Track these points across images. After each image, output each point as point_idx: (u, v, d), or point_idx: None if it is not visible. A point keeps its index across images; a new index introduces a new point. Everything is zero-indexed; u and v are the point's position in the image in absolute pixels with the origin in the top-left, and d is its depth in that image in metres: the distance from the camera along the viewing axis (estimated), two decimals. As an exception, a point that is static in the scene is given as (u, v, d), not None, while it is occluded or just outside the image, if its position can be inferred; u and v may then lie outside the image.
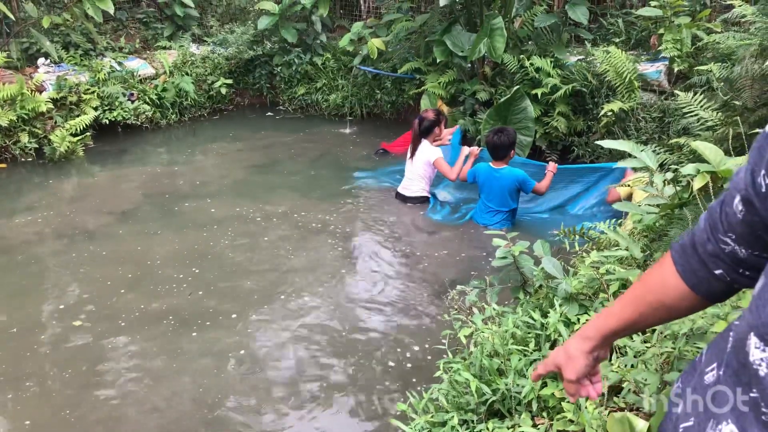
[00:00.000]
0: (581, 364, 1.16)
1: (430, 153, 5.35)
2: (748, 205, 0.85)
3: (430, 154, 5.34)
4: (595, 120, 5.78)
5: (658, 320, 1.11)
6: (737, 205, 0.87)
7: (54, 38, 7.21)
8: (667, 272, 1.03)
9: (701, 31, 5.41)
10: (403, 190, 5.52)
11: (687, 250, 1.01)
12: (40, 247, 4.72)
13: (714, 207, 0.95)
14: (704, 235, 0.97)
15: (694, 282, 1.00)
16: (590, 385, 1.20)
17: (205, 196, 5.71)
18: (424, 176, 5.42)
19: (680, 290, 1.01)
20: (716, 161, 2.15)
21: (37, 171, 6.35)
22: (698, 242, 0.98)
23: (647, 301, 1.07)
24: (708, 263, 0.97)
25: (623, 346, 1.89)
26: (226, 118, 8.37)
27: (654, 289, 1.06)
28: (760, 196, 0.81)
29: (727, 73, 4.09)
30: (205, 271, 4.34)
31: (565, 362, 1.18)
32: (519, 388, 1.99)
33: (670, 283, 1.03)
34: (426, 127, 5.41)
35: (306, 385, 3.20)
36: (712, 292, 0.99)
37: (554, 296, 2.31)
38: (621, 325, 1.11)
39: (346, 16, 9.05)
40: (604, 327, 1.13)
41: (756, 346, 0.76)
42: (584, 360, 1.16)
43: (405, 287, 4.14)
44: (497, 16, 5.77)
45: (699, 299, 1.01)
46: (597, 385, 1.20)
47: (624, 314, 1.10)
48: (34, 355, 3.45)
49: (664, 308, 1.05)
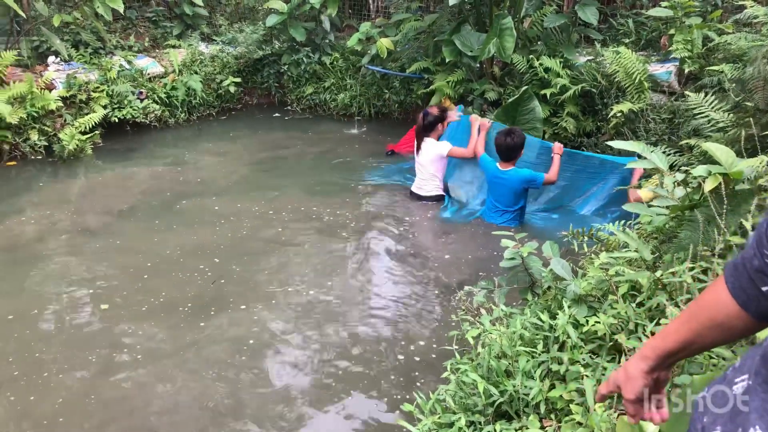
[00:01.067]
0: (639, 384, 1.14)
1: (441, 148, 5.34)
2: None
3: (440, 149, 5.33)
4: (604, 121, 5.76)
5: (713, 341, 1.08)
6: None
7: (64, 37, 7.24)
8: (720, 290, 1.02)
9: (712, 31, 5.37)
10: (418, 189, 5.52)
11: (738, 267, 1.00)
12: (55, 241, 4.77)
13: (762, 222, 0.94)
14: (751, 251, 0.96)
15: (744, 300, 0.98)
16: (654, 410, 1.17)
17: (215, 194, 5.72)
18: (436, 174, 5.42)
19: (732, 309, 1.00)
20: (728, 163, 2.13)
21: (47, 169, 6.38)
22: (746, 258, 0.97)
23: (701, 320, 1.05)
24: (756, 280, 0.95)
25: (632, 348, 1.88)
26: (234, 117, 8.38)
27: (707, 306, 1.05)
28: None
29: (739, 74, 4.06)
30: (218, 265, 4.38)
31: (624, 382, 1.17)
32: (527, 389, 1.98)
33: (722, 301, 1.01)
34: (430, 122, 5.39)
35: (311, 381, 3.20)
36: (761, 312, 0.97)
37: (563, 298, 2.29)
38: (677, 345, 1.09)
39: (355, 15, 9.04)
40: (660, 347, 1.12)
41: None
42: (642, 380, 1.14)
43: (414, 286, 4.13)
44: (507, 16, 5.75)
45: (751, 319, 0.99)
46: (662, 410, 1.17)
47: (679, 333, 1.08)
48: (62, 336, 3.56)
49: (717, 327, 1.03)
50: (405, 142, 6.72)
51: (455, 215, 5.27)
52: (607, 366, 1.91)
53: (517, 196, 4.89)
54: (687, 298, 1.99)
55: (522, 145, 4.84)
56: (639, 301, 2.15)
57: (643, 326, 1.98)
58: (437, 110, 5.48)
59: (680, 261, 2.20)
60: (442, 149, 5.33)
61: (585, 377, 1.88)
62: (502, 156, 4.89)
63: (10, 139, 6.41)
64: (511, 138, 4.80)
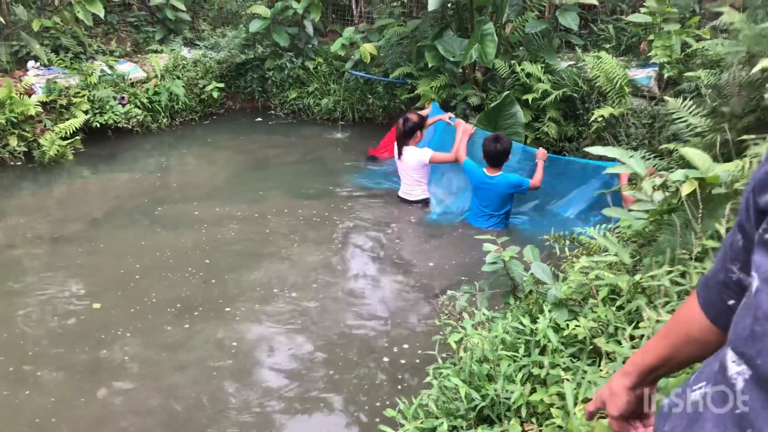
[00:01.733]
0: (623, 401, 1.14)
1: (422, 155, 5.35)
2: (743, 231, 0.87)
3: (422, 156, 5.34)
4: (585, 125, 5.81)
5: (690, 356, 1.08)
6: (737, 233, 0.89)
7: (44, 41, 7.16)
8: (693, 305, 1.03)
9: (691, 37, 5.45)
10: (405, 195, 5.53)
11: (707, 282, 1.01)
12: (38, 246, 4.78)
13: (726, 237, 0.96)
14: (718, 265, 0.98)
15: (714, 314, 0.99)
16: (641, 428, 1.17)
17: (198, 198, 5.70)
18: (420, 180, 5.43)
19: (704, 323, 1.01)
20: (704, 167, 2.17)
21: (27, 174, 6.31)
22: (714, 273, 0.99)
23: (677, 335, 1.06)
24: (722, 294, 0.97)
25: (612, 351, 1.90)
26: (217, 122, 8.34)
27: (682, 322, 1.06)
28: (750, 222, 0.83)
29: (716, 79, 4.13)
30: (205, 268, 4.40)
31: (609, 398, 1.17)
32: (508, 393, 1.99)
33: (695, 317, 1.02)
34: (410, 128, 5.38)
35: (294, 386, 3.20)
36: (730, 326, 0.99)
37: (544, 302, 2.31)
38: (656, 360, 1.09)
39: (338, 20, 9.05)
40: (640, 362, 1.12)
41: (732, 360, 0.77)
42: (626, 396, 1.14)
43: (397, 291, 4.14)
44: (488, 21, 5.79)
45: (723, 334, 0.99)
46: (649, 429, 1.17)
47: (658, 349, 1.09)
48: (52, 336, 3.61)
49: (693, 343, 1.04)
50: (384, 146, 6.71)
51: (441, 217, 5.29)
52: (587, 369, 1.93)
53: (504, 201, 4.93)
54: (665, 302, 2.01)
55: (509, 150, 4.88)
56: (619, 304, 2.17)
57: (623, 330, 2.00)
58: (416, 117, 5.48)
59: (659, 264, 2.23)
60: (424, 157, 5.34)
61: (565, 381, 1.90)
62: (490, 162, 4.90)
63: (-12, 145, 6.34)
64: (500, 144, 4.83)
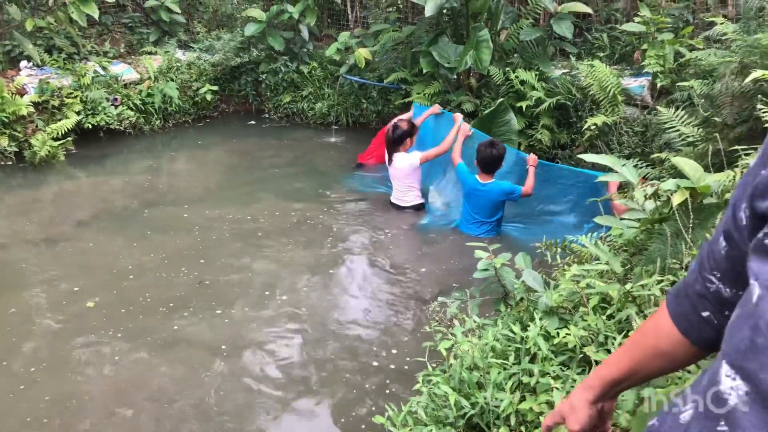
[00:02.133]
0: (584, 415, 1.11)
1: (412, 159, 5.33)
2: (729, 239, 0.85)
3: (412, 161, 5.33)
4: (578, 133, 5.82)
5: (657, 369, 1.06)
6: (721, 242, 0.87)
7: (37, 41, 7.13)
8: (662, 317, 1.01)
9: (684, 47, 5.48)
10: (398, 201, 5.51)
11: (680, 293, 0.99)
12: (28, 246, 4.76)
13: (703, 246, 0.94)
14: (693, 275, 0.95)
15: (686, 326, 0.97)
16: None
17: (189, 201, 5.68)
18: (412, 185, 5.42)
19: (673, 336, 0.98)
20: (696, 177, 2.17)
21: (17, 174, 6.27)
22: (688, 283, 0.97)
23: (643, 348, 1.03)
24: (697, 305, 0.95)
25: (599, 360, 1.89)
26: (210, 124, 8.32)
27: (649, 334, 1.03)
28: (740, 229, 0.81)
29: (708, 89, 4.14)
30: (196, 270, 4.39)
31: (569, 413, 1.14)
32: (498, 401, 1.98)
33: (663, 328, 1.00)
34: (399, 136, 5.36)
35: (281, 390, 3.18)
36: (703, 339, 0.96)
37: (534, 309, 2.30)
38: (621, 373, 1.07)
39: (334, 25, 9.05)
40: (605, 375, 1.09)
41: (727, 374, 0.74)
42: (587, 410, 1.11)
43: (388, 296, 4.12)
44: (483, 28, 5.81)
45: (692, 347, 0.98)
46: None
47: (622, 362, 1.06)
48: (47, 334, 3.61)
49: (660, 356, 1.02)
50: (371, 151, 6.69)
51: (433, 222, 5.28)
52: (577, 378, 1.92)
53: (496, 208, 4.90)
54: (655, 311, 2.01)
55: (503, 157, 4.86)
56: (609, 313, 2.16)
57: (613, 338, 2.00)
58: (406, 125, 5.44)
59: (649, 274, 2.23)
60: (414, 160, 5.33)
61: (555, 389, 1.89)
62: (484, 168, 4.87)
63: (-21, 145, 6.29)
64: (496, 149, 4.79)
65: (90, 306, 3.93)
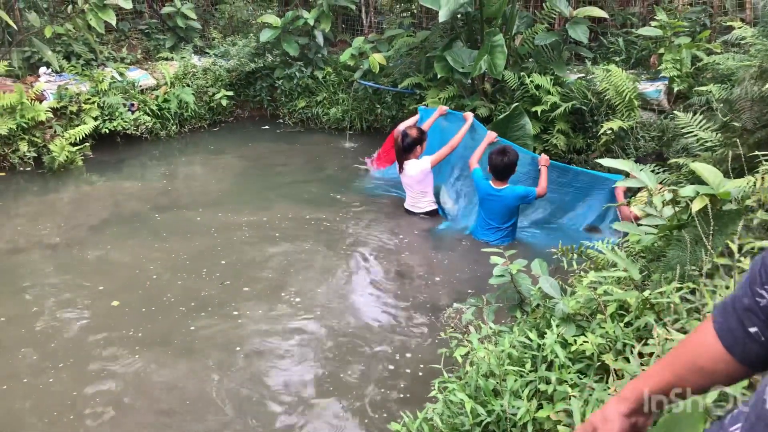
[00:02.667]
0: (617, 428, 1.08)
1: (423, 165, 5.30)
2: None
3: (423, 166, 5.30)
4: (594, 138, 5.79)
5: (696, 385, 1.02)
6: None
7: (56, 48, 7.22)
8: (707, 331, 0.98)
9: (701, 51, 5.44)
10: (411, 207, 5.49)
11: (727, 308, 0.96)
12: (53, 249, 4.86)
13: (756, 260, 0.92)
14: (742, 289, 0.93)
15: (731, 342, 0.94)
16: None
17: (205, 205, 5.73)
18: (425, 191, 5.40)
19: (716, 351, 0.96)
20: (715, 183, 2.14)
21: (36, 180, 6.35)
22: (736, 298, 0.94)
23: (683, 362, 1.01)
24: (744, 320, 0.92)
25: (619, 369, 1.87)
26: (225, 129, 8.38)
27: (691, 348, 1.01)
28: None
29: (727, 94, 4.10)
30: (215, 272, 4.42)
31: (602, 425, 1.10)
32: (514, 409, 1.96)
33: (707, 343, 0.97)
34: (409, 144, 5.32)
35: (296, 396, 3.18)
36: (747, 355, 0.93)
37: (551, 316, 2.29)
38: (658, 387, 1.04)
39: (348, 30, 9.09)
40: (640, 387, 1.07)
41: None
42: (620, 423, 1.08)
43: (403, 302, 4.11)
44: (498, 33, 5.79)
45: (736, 364, 0.95)
46: None
47: (661, 375, 1.04)
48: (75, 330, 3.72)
49: (699, 371, 0.99)
50: (382, 156, 6.66)
51: (449, 227, 5.29)
52: (595, 386, 1.90)
53: (511, 213, 4.87)
54: (674, 319, 1.98)
55: (516, 164, 4.82)
56: (627, 320, 2.14)
57: (631, 346, 1.97)
58: (416, 132, 5.39)
59: (668, 281, 2.20)
60: (425, 165, 5.30)
61: (572, 398, 1.87)
62: (496, 176, 4.83)
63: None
64: (507, 157, 4.74)
65: (115, 305, 4.02)
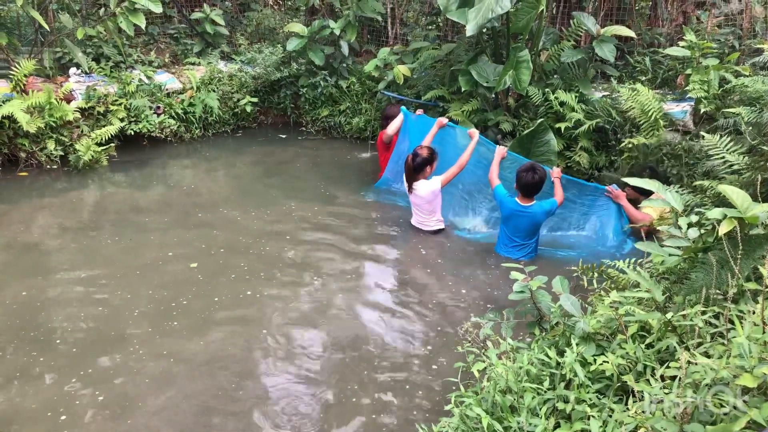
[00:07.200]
0: None
1: (433, 186, 5.27)
2: None
3: (433, 186, 5.27)
4: (617, 155, 5.75)
5: None
6: None
7: (87, 49, 7.36)
8: None
9: (729, 73, 5.38)
10: (419, 225, 5.45)
11: None
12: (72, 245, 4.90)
13: None
14: None
15: None
16: None
17: (225, 207, 5.80)
18: (434, 210, 5.38)
19: None
20: (743, 207, 2.11)
21: (62, 178, 6.45)
22: None
23: None
24: None
25: (640, 390, 1.84)
26: (248, 135, 8.45)
27: None
28: None
29: (756, 117, 4.05)
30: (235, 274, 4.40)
31: None
32: (532, 427, 1.95)
33: None
34: (419, 164, 5.28)
35: (309, 406, 3.16)
36: None
37: (571, 334, 2.27)
38: None
39: (374, 41, 9.14)
40: None
41: None
42: None
43: (419, 314, 4.10)
44: (524, 48, 5.79)
45: None
46: None
47: None
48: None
49: None
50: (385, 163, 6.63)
51: (473, 233, 5.41)
52: (614, 407, 1.87)
53: (537, 228, 4.85)
54: (698, 342, 1.96)
55: (544, 181, 4.78)
56: (648, 342, 2.12)
57: (652, 368, 1.95)
58: (426, 152, 5.34)
59: (691, 304, 2.17)
60: (435, 186, 5.27)
61: (591, 417, 1.85)
62: (526, 193, 4.77)
63: (27, 147, 6.50)
64: (537, 174, 4.71)
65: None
